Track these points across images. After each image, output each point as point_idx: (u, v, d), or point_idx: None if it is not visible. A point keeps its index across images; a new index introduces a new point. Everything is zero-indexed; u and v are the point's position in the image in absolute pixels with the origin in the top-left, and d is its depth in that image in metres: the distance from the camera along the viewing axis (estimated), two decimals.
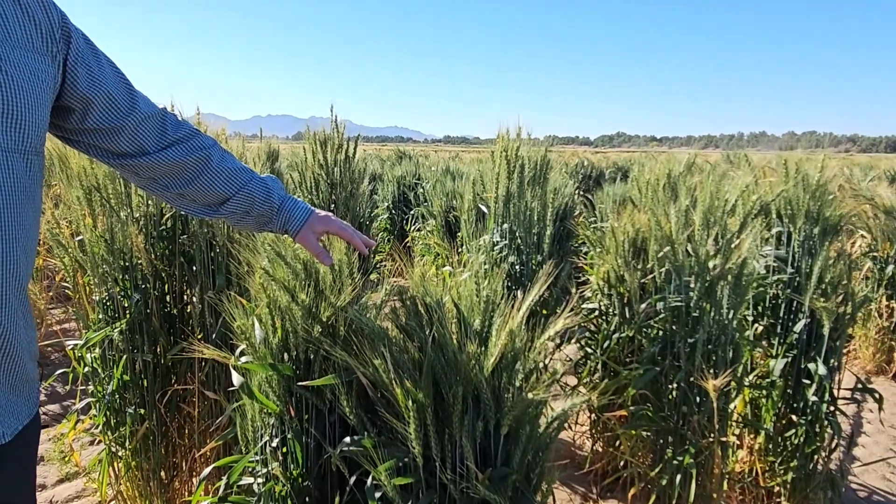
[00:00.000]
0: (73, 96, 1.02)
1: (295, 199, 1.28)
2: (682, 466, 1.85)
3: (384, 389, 1.25)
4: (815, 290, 2.03)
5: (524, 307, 1.35)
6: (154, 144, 1.12)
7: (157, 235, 2.13)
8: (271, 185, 1.25)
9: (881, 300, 3.89)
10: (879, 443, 3.21)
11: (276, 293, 1.44)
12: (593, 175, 8.80)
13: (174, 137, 1.14)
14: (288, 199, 1.26)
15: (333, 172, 3.27)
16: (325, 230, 1.30)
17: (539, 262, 2.22)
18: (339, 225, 1.31)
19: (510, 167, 2.13)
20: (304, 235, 1.27)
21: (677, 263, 1.88)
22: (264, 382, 1.44)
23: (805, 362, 2.11)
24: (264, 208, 1.23)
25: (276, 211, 1.24)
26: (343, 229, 1.31)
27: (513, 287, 2.19)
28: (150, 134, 1.11)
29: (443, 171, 5.79)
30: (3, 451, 0.91)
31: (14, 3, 0.94)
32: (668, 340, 1.96)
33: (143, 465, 2.16)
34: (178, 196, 1.18)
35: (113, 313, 2.11)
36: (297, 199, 1.28)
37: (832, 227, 2.05)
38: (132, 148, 1.10)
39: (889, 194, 4.08)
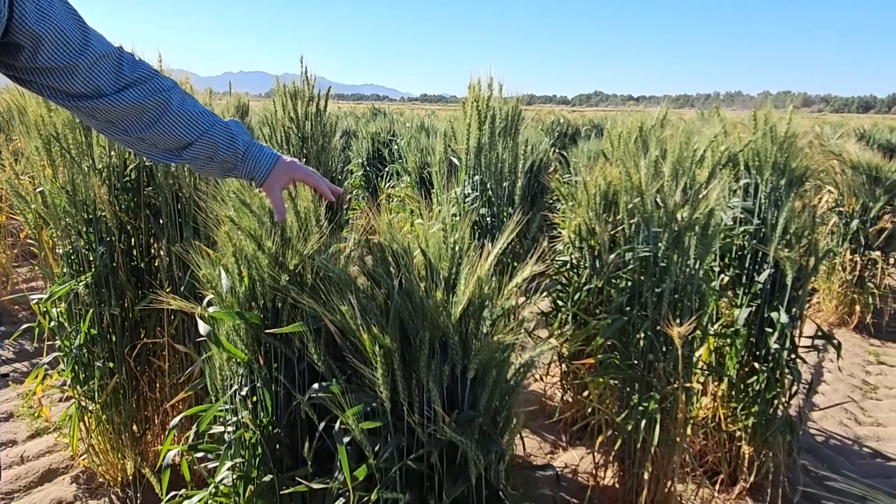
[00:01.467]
0: (22, 32, 0.97)
1: (261, 144, 1.25)
2: (647, 412, 1.90)
3: (352, 336, 1.25)
4: (779, 240, 2.06)
5: (493, 255, 1.35)
6: (110, 85, 1.07)
7: (122, 187, 2.08)
8: (235, 130, 1.22)
9: (845, 254, 3.98)
10: (838, 390, 3.34)
11: (242, 242, 1.43)
12: (569, 133, 8.77)
13: (131, 78, 1.09)
14: (254, 145, 1.24)
15: (304, 126, 3.21)
16: (291, 178, 1.28)
17: (510, 214, 2.22)
18: (306, 171, 1.29)
19: (481, 118, 2.11)
20: (270, 184, 1.25)
21: (646, 214, 1.90)
22: (232, 332, 1.43)
23: (768, 311, 2.16)
24: (228, 154, 1.20)
25: (240, 157, 1.21)
26: (310, 176, 1.30)
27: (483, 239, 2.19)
28: (105, 74, 1.06)
29: (418, 127, 5.72)
30: None
31: None
32: (636, 290, 1.98)
33: (114, 418, 2.16)
34: (137, 140, 1.14)
35: (78, 267, 2.07)
36: (263, 146, 1.25)
37: (798, 179, 2.07)
38: (87, 88, 1.05)
39: (856, 150, 4.14)
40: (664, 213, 1.85)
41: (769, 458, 2.27)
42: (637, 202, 1.95)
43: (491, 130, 2.11)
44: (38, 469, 2.30)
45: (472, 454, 1.23)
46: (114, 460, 2.21)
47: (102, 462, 2.23)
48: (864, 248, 3.93)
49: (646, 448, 1.98)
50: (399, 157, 5.78)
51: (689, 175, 1.89)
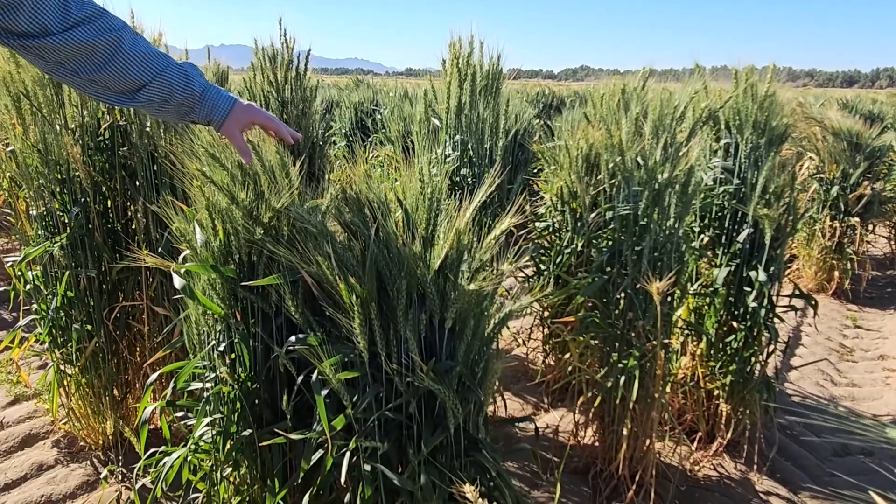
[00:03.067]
0: None
1: (217, 87, 1.22)
2: (627, 369, 1.92)
3: (329, 286, 1.24)
4: (759, 199, 2.07)
5: (471, 207, 1.34)
6: (57, 24, 1.03)
7: (95, 147, 2.04)
8: (191, 72, 1.19)
9: (825, 221, 4.02)
10: (816, 353, 3.39)
11: (216, 196, 1.40)
12: (554, 103, 8.73)
13: (79, 16, 1.05)
14: (210, 87, 1.21)
15: (284, 90, 3.16)
16: (251, 121, 1.27)
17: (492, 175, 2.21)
18: (265, 115, 1.29)
19: (461, 76, 2.08)
20: (229, 127, 1.23)
21: (627, 173, 1.89)
22: (208, 286, 1.42)
23: (747, 271, 2.17)
24: (184, 96, 1.17)
25: (197, 99, 1.18)
26: (269, 120, 1.29)
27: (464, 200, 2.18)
28: (51, 11, 1.02)
29: (401, 96, 5.66)
30: None
31: None
32: (617, 249, 1.99)
33: (93, 382, 2.15)
34: (89, 82, 1.10)
35: (53, 229, 2.04)
36: (220, 89, 1.23)
37: (778, 138, 2.08)
38: (33, 27, 1.01)
39: (838, 117, 4.16)
40: (645, 171, 1.85)
41: (746, 416, 2.31)
42: (618, 161, 1.95)
43: (472, 89, 2.09)
44: (17, 434, 2.29)
45: (451, 403, 1.23)
46: (94, 424, 2.21)
47: (83, 426, 2.22)
48: (844, 215, 3.97)
49: (625, 405, 2.01)
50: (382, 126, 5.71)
51: (670, 133, 1.89)
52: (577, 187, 2.42)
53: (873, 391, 3.01)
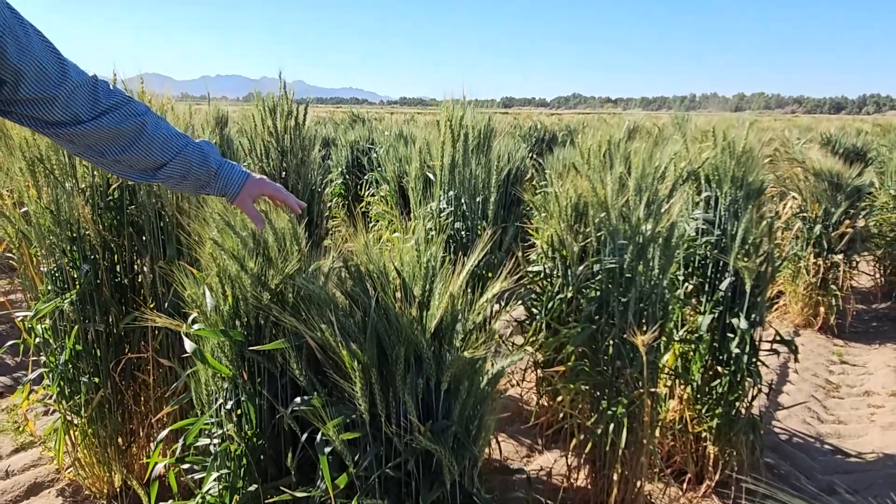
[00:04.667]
0: (4, 68, 1.03)
1: (231, 163, 1.32)
2: (616, 416, 2.00)
3: (332, 352, 1.33)
4: (738, 250, 2.17)
5: (465, 271, 1.43)
6: (87, 112, 1.14)
7: (105, 206, 2.13)
8: (207, 150, 1.29)
9: (809, 258, 4.13)
10: (802, 390, 3.47)
11: (226, 262, 1.50)
12: (546, 138, 8.89)
13: (107, 104, 1.16)
14: (225, 163, 1.31)
15: (283, 139, 3.27)
16: (261, 193, 1.36)
17: (484, 228, 2.31)
18: (274, 188, 1.38)
19: (454, 136, 2.19)
20: (242, 199, 1.33)
21: (612, 228, 2.00)
22: (217, 348, 1.50)
23: (730, 318, 2.27)
24: (201, 172, 1.27)
25: (213, 175, 1.28)
26: (277, 191, 1.38)
27: (459, 252, 2.27)
28: (82, 102, 1.13)
29: (396, 135, 5.79)
30: None
31: None
32: (604, 300, 2.08)
33: (99, 432, 2.21)
34: (114, 162, 1.20)
35: (62, 284, 2.12)
36: (234, 164, 1.33)
37: (755, 192, 2.19)
38: (66, 117, 1.12)
39: (819, 157, 4.30)
40: (629, 227, 1.95)
41: (733, 458, 2.38)
42: (603, 216, 2.05)
43: (464, 148, 2.20)
44: (23, 483, 2.33)
45: (447, 461, 1.31)
46: (100, 473, 2.26)
47: (88, 475, 2.28)
48: (827, 252, 4.09)
49: (615, 450, 2.08)
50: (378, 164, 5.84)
51: (652, 190, 1.99)
52: (566, 235, 2.52)
53: (858, 428, 3.08)
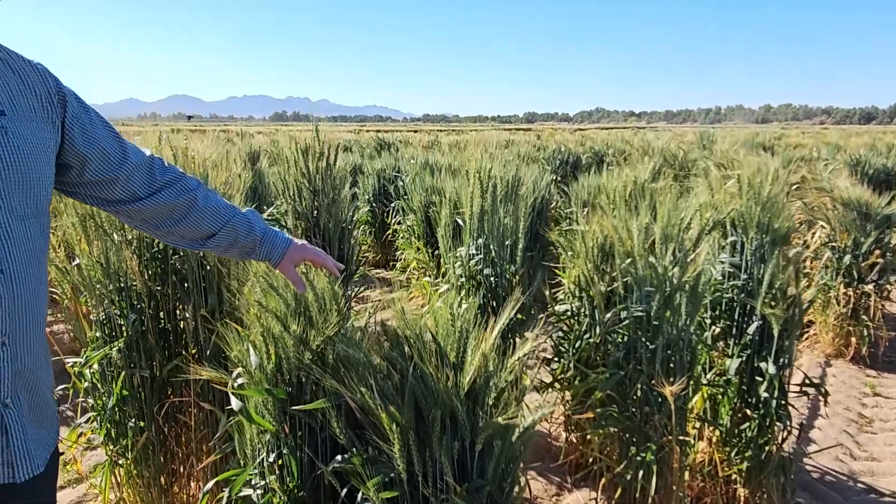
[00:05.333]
0: (71, 154, 1.14)
1: (275, 231, 1.41)
2: (645, 462, 2.03)
3: (370, 413, 1.39)
4: (765, 295, 2.20)
5: (496, 331, 1.49)
6: (145, 190, 1.24)
7: (150, 256, 2.24)
8: (253, 220, 1.38)
9: (839, 288, 4.10)
10: (834, 424, 3.44)
11: (270, 322, 1.57)
12: (570, 160, 8.94)
13: (162, 182, 1.26)
14: (269, 231, 1.40)
15: (315, 180, 3.39)
16: (303, 258, 1.44)
17: (513, 273, 2.37)
18: (314, 252, 1.46)
19: (483, 188, 2.27)
20: (284, 265, 1.41)
21: (638, 276, 2.04)
22: (260, 404, 1.58)
23: (758, 361, 2.29)
24: (247, 241, 1.36)
25: (258, 243, 1.37)
26: (317, 256, 1.46)
27: (488, 297, 2.33)
28: (140, 181, 1.23)
29: (422, 164, 5.89)
30: (37, 480, 1.05)
31: (17, 78, 1.05)
32: (632, 346, 2.12)
33: (143, 472, 2.30)
34: (167, 233, 1.31)
35: (110, 332, 2.22)
36: (277, 231, 1.41)
37: (781, 238, 2.21)
38: (125, 195, 1.22)
39: (847, 185, 4.28)
40: (655, 277, 1.99)
41: (764, 500, 2.38)
42: (629, 263, 2.10)
43: (493, 198, 2.27)
44: None
45: None
46: None
47: None
48: (857, 282, 4.06)
49: (645, 495, 2.11)
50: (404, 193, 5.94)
51: (678, 240, 2.04)
52: (593, 276, 2.57)
53: (892, 465, 3.05)
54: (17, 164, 0.99)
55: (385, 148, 10.36)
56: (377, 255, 6.63)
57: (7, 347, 0.99)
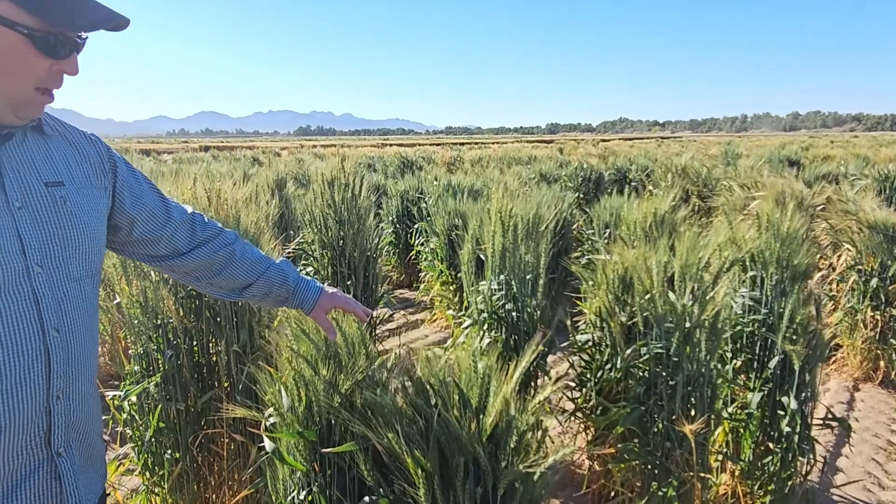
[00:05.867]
0: (121, 217, 1.23)
1: (307, 280, 1.48)
2: (667, 498, 2.05)
3: (396, 458, 1.46)
4: (786, 330, 2.22)
5: (516, 375, 1.55)
6: (187, 246, 1.33)
7: (186, 294, 2.33)
8: (286, 270, 1.46)
9: (866, 311, 4.07)
10: (862, 452, 3.41)
11: (301, 365, 1.65)
12: (593, 178, 8.96)
13: (203, 237, 1.35)
14: (301, 281, 1.47)
15: (341, 211, 3.48)
16: (333, 306, 1.51)
17: (535, 307, 2.42)
18: (344, 300, 1.53)
19: (504, 227, 2.33)
20: (316, 313, 1.48)
21: (657, 314, 2.08)
22: (292, 445, 1.65)
23: (779, 395, 2.30)
24: (281, 291, 1.44)
25: (291, 292, 1.45)
26: (347, 303, 1.53)
27: (510, 332, 2.38)
28: (183, 237, 1.32)
29: (444, 186, 5.97)
30: None
31: (74, 150, 1.15)
32: (652, 382, 2.15)
33: (178, 501, 2.38)
34: (208, 284, 1.40)
35: (148, 366, 2.33)
36: (309, 281, 1.48)
37: (801, 274, 2.23)
38: (169, 251, 1.31)
39: (873, 207, 4.25)
40: (674, 315, 2.03)
41: None
42: (648, 299, 2.13)
43: (514, 237, 2.33)
44: None
45: None
46: None
47: None
48: (885, 306, 4.02)
49: None
50: (427, 214, 6.02)
51: (697, 278, 2.07)
52: (614, 307, 2.60)
53: None
54: (75, 231, 1.09)
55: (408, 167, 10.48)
56: (401, 276, 6.72)
57: (61, 401, 1.07)
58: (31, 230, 1.03)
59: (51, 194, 1.07)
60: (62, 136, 1.15)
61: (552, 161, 11.32)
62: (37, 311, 1.02)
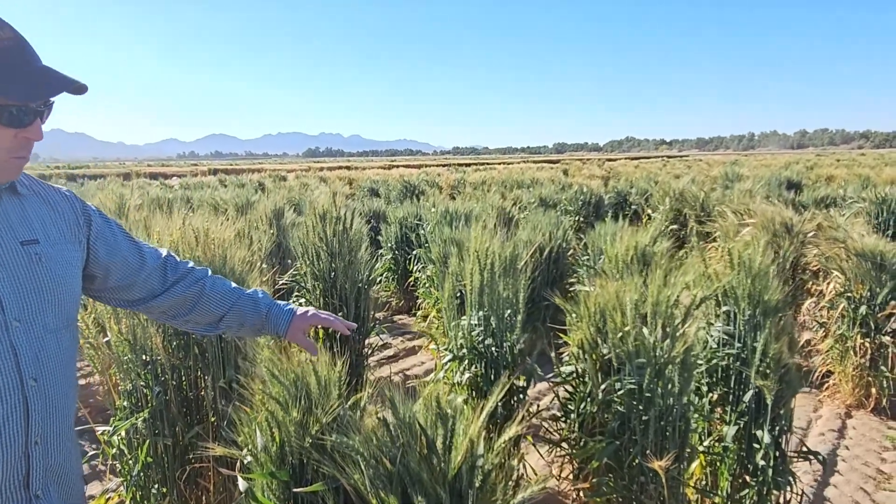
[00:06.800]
0: (96, 266, 1.31)
1: (279, 304, 1.54)
2: None
3: (363, 499, 1.51)
4: (759, 364, 2.26)
5: (483, 415, 1.60)
6: (160, 287, 1.41)
7: (174, 332, 2.41)
8: (257, 298, 1.53)
9: (856, 338, 4.08)
10: (851, 482, 3.41)
11: (273, 407, 1.71)
12: (593, 201, 9.04)
13: (174, 278, 1.43)
14: (273, 306, 1.54)
15: (332, 244, 3.56)
16: (309, 325, 1.57)
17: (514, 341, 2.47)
18: (321, 317, 1.59)
19: (482, 266, 2.39)
20: (293, 334, 1.55)
21: (629, 351, 2.13)
22: (266, 486, 1.70)
23: (755, 429, 2.33)
24: (255, 319, 1.51)
25: (264, 320, 1.52)
26: (324, 321, 1.59)
27: (489, 367, 2.43)
28: (156, 280, 1.40)
29: (441, 213, 6.05)
30: None
31: (46, 206, 1.23)
32: (627, 417, 2.20)
33: None
34: (184, 322, 1.48)
35: (136, 401, 2.39)
36: (281, 306, 1.54)
37: (772, 309, 2.28)
38: (144, 294, 1.40)
39: (862, 234, 4.29)
40: (644, 351, 2.08)
41: None
42: (620, 337, 2.18)
43: (491, 275, 2.39)
44: None
45: None
46: None
47: None
48: (875, 333, 4.03)
49: None
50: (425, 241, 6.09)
51: (667, 315, 2.12)
52: (596, 339, 2.65)
53: None
54: (50, 285, 1.16)
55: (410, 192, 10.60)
56: (400, 302, 6.78)
57: (39, 446, 1.14)
58: (8, 287, 1.10)
59: (26, 252, 1.14)
60: (37, 195, 1.23)
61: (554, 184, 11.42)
62: (15, 362, 1.09)
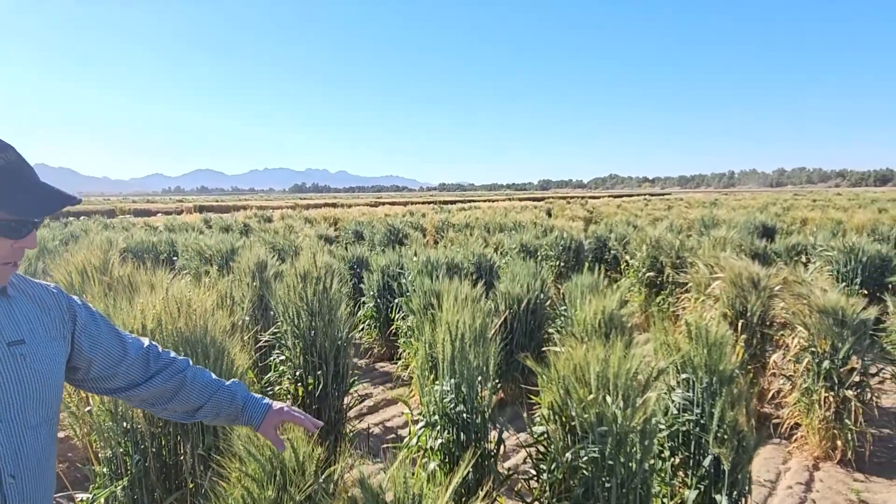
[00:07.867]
0: (79, 359, 1.40)
1: (256, 398, 1.63)
2: None
3: None
4: (716, 430, 2.37)
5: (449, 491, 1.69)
6: (142, 377, 1.49)
7: None
8: (235, 391, 1.61)
9: (821, 392, 4.22)
10: None
11: (249, 484, 1.79)
12: (573, 247, 9.21)
13: (156, 368, 1.51)
14: (250, 399, 1.62)
15: (312, 303, 3.66)
16: (281, 420, 1.65)
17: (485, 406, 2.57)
18: (291, 415, 1.67)
19: (452, 337, 2.50)
20: (265, 428, 1.63)
21: (591, 421, 2.24)
22: None
23: (714, 493, 2.44)
24: (230, 410, 1.59)
25: (240, 411, 1.60)
26: (294, 418, 1.67)
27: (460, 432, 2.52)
28: (138, 370, 1.48)
29: (423, 263, 6.18)
30: None
31: (34, 305, 1.32)
32: (591, 483, 2.29)
33: None
34: (162, 409, 1.55)
35: (116, 469, 2.45)
36: (258, 399, 1.63)
37: (728, 378, 2.41)
38: (125, 384, 1.47)
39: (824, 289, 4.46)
40: (605, 423, 2.19)
41: None
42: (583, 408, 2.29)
43: (461, 345, 2.50)
44: None
45: None
46: None
47: None
48: (838, 387, 4.17)
49: None
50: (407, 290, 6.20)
51: (627, 387, 2.24)
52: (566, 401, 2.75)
53: None
54: (33, 383, 1.25)
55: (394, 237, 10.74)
56: (382, 349, 6.84)
57: None
58: None
59: (12, 352, 1.23)
60: (25, 294, 1.32)
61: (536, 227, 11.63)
62: None
